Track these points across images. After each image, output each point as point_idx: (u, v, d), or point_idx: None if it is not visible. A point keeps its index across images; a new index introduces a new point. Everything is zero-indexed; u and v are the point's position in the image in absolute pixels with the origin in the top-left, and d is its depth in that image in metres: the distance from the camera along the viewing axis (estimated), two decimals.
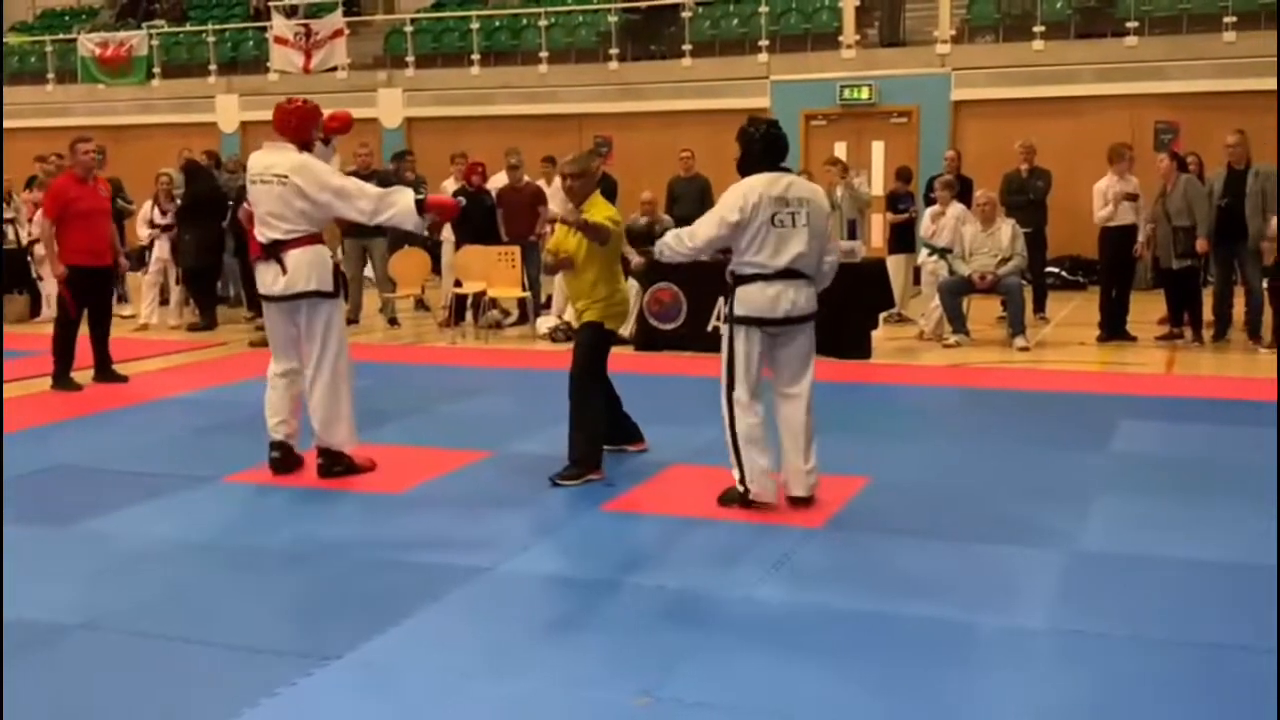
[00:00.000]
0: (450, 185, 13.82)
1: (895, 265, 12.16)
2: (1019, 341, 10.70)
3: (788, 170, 5.85)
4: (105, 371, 9.51)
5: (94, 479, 6.57)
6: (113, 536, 5.47)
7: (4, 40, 23.40)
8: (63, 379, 9.25)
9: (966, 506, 5.82)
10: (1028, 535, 5.35)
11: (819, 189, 6.08)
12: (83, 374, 9.36)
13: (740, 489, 5.80)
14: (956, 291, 11.00)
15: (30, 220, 13.77)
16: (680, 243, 5.87)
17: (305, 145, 6.34)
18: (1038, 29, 16.54)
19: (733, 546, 5.28)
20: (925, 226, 11.83)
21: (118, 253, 9.83)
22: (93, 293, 9.34)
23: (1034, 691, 3.77)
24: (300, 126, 6.35)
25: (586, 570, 4.99)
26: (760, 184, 5.65)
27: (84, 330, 9.40)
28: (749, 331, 5.74)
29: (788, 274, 5.69)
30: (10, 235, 14.32)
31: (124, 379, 9.50)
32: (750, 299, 5.70)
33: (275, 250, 6.23)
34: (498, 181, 12.99)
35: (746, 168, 5.78)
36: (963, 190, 12.11)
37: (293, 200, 6.20)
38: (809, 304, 5.84)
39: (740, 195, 5.64)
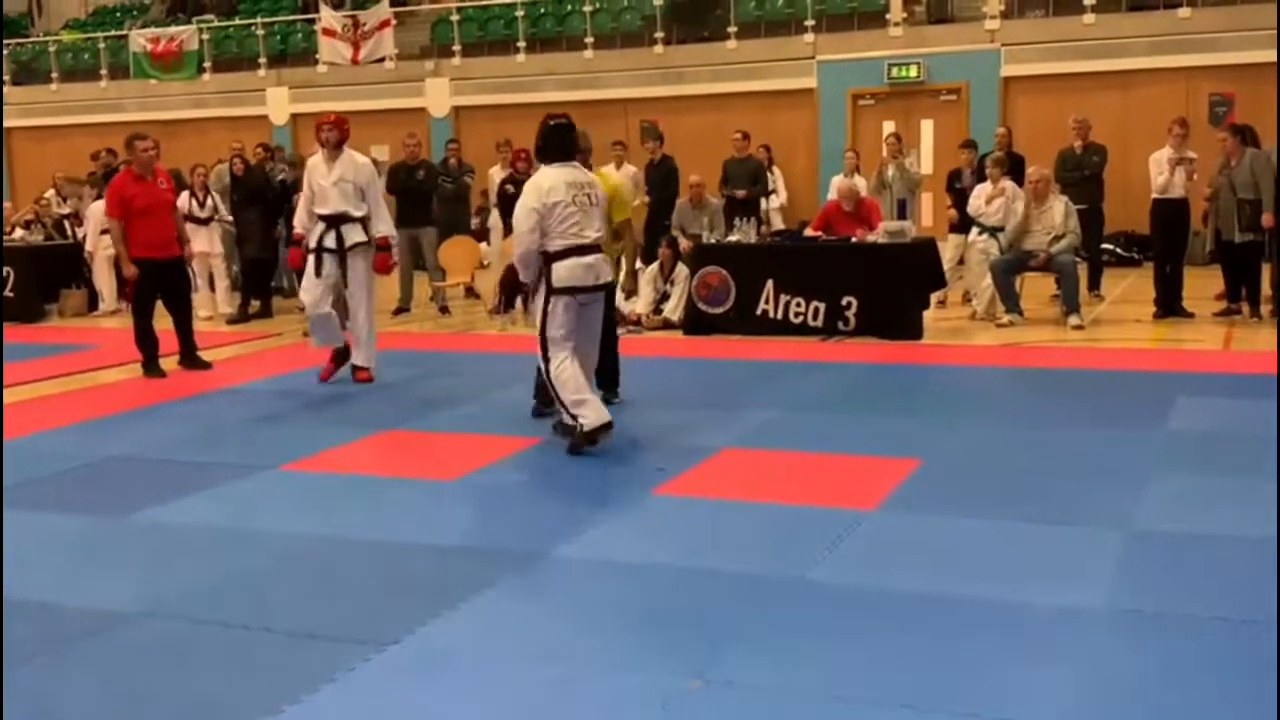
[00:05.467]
0: (497, 173, 13.87)
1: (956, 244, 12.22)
2: (1073, 320, 10.59)
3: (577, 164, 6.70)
4: (190, 359, 9.73)
5: (152, 469, 6.66)
6: (171, 526, 5.55)
7: (58, 37, 23.76)
8: (149, 366, 9.50)
9: (1021, 487, 5.77)
10: (1083, 515, 5.30)
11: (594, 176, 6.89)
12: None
13: (577, 426, 6.52)
14: (1009, 270, 10.90)
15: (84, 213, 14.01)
16: (515, 251, 6.62)
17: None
18: (1088, 2, 16.32)
19: (785, 530, 5.27)
20: (976, 205, 11.72)
21: (185, 243, 10.00)
22: (163, 284, 9.55)
23: (1090, 671, 3.74)
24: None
25: (639, 555, 5.00)
26: (554, 175, 6.49)
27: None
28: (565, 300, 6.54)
29: (595, 248, 6.58)
30: (68, 230, 14.58)
31: (208, 365, 9.73)
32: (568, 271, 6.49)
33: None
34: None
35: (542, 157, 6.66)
36: (1015, 167, 11.99)
37: None
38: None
39: (535, 186, 6.48)
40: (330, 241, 8.69)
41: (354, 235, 8.70)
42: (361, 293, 8.79)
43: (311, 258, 8.74)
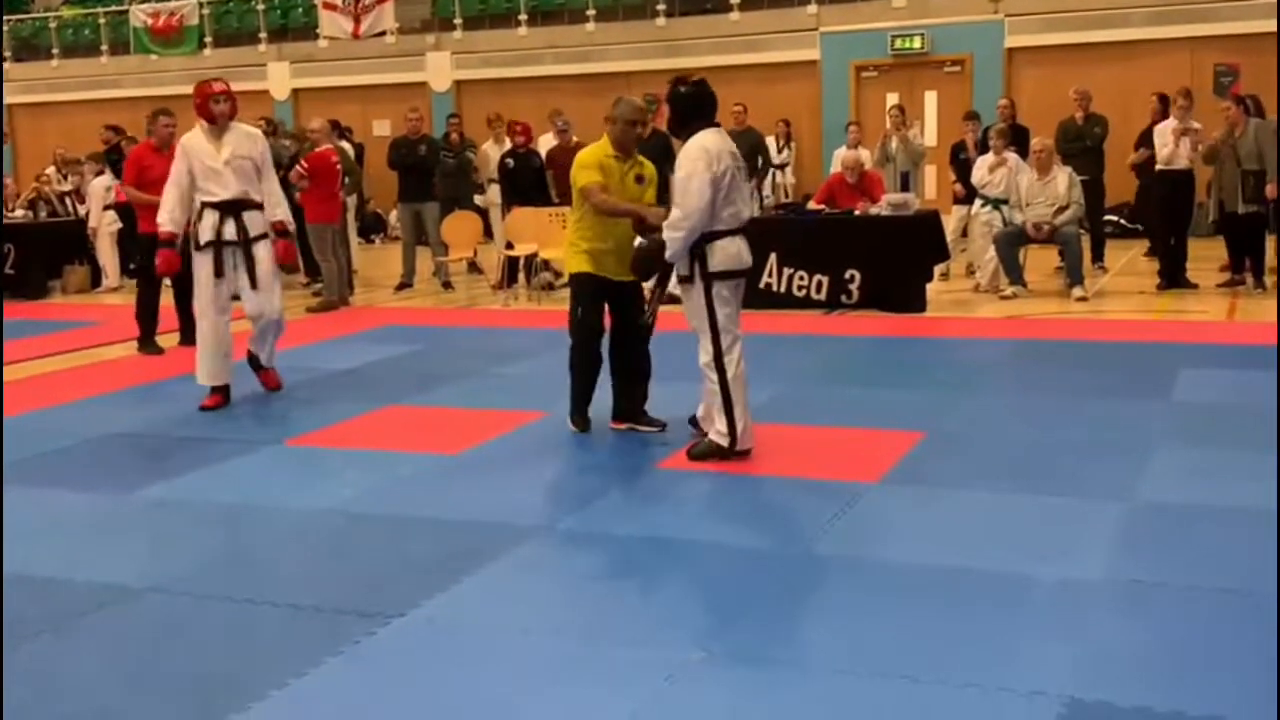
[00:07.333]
0: (490, 149, 13.80)
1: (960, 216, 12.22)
2: (1077, 291, 10.57)
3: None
4: (190, 336, 9.67)
5: (155, 445, 6.67)
6: (175, 502, 5.56)
7: (58, 13, 23.68)
8: (146, 343, 9.50)
9: (1024, 459, 5.78)
10: (1086, 486, 5.30)
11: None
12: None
13: (725, 443, 5.79)
14: (1013, 242, 10.88)
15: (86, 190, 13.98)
16: (678, 231, 5.67)
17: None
18: None
19: (789, 503, 5.29)
20: (979, 175, 11.69)
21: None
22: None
23: (1091, 642, 3.75)
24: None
25: (643, 528, 5.01)
26: (716, 139, 5.78)
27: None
28: (729, 285, 5.80)
29: (745, 229, 5.86)
30: (70, 207, 14.56)
31: None
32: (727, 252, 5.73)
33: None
34: (546, 143, 12.96)
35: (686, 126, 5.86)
36: (1019, 139, 11.95)
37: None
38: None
39: (704, 151, 5.68)
40: (230, 232, 7.30)
41: (258, 223, 7.42)
42: (274, 286, 7.56)
43: (207, 257, 7.30)
